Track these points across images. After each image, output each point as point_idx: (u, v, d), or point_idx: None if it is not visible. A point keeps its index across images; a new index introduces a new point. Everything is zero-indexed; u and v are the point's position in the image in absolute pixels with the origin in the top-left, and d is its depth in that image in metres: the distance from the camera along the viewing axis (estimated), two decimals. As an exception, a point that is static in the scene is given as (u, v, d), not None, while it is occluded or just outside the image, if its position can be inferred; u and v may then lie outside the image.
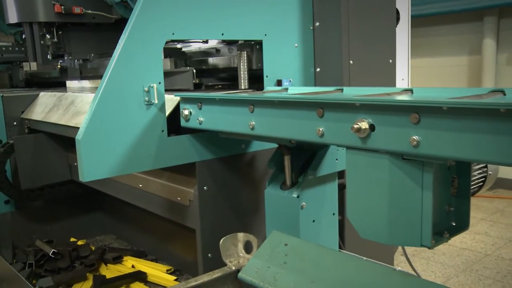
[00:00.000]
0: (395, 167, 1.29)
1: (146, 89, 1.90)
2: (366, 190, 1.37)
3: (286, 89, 2.16)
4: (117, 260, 3.20)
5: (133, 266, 3.12)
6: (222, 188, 2.26)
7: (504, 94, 1.38)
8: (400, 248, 3.82)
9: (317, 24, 2.43)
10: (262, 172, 2.36)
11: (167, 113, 2.02)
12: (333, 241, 2.11)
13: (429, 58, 5.62)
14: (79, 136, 1.76)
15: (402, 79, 3.09)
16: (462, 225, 1.43)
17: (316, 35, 2.45)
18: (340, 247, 2.59)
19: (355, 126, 1.28)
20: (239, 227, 2.21)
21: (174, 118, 2.05)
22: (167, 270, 3.03)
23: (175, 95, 2.01)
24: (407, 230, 1.32)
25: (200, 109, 1.92)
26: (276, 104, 1.56)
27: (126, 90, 1.86)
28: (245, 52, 2.32)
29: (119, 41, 1.85)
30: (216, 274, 1.54)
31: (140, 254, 3.36)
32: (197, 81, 2.58)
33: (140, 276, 2.94)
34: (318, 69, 2.46)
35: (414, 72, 5.73)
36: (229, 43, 2.57)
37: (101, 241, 3.78)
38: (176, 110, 2.04)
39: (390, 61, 2.65)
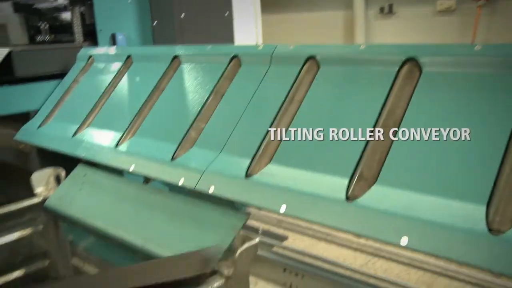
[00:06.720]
0: None
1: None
2: None
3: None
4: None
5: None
6: None
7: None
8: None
9: (151, -22, 2.59)
10: None
11: None
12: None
13: (308, 13, 5.93)
14: None
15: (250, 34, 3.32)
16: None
17: (151, -11, 2.61)
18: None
19: None
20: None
21: None
22: None
23: None
24: None
25: None
26: None
27: None
28: (77, 7, 2.46)
29: None
30: (23, 203, 1.73)
31: None
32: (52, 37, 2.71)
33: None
34: (155, 23, 2.64)
35: (291, 27, 6.06)
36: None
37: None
38: None
39: (226, 13, 2.86)
